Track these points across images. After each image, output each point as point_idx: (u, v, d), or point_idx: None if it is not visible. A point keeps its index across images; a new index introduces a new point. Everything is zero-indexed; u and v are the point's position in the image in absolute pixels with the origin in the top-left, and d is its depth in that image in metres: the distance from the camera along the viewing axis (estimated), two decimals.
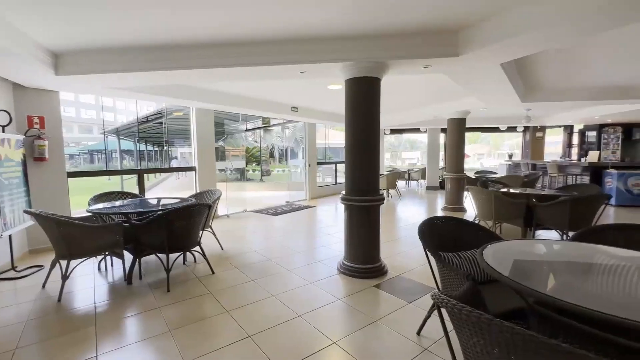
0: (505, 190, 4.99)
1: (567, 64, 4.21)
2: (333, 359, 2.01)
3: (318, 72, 3.41)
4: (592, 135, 10.59)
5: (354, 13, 2.49)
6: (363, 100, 3.22)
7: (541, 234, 4.78)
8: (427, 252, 2.05)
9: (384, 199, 3.37)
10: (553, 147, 13.49)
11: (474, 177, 7.79)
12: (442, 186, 10.51)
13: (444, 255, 2.07)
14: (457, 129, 6.90)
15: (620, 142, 9.79)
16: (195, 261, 3.74)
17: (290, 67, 3.21)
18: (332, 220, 6.15)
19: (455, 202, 6.99)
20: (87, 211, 3.27)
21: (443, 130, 10.51)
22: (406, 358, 2.00)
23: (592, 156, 9.18)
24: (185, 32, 2.83)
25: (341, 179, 9.98)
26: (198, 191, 5.18)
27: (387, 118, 8.70)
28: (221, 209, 6.51)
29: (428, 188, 10.98)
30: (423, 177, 11.69)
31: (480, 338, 0.97)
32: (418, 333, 2.24)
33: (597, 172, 8.00)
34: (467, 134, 7.41)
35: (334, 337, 2.21)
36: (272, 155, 20.21)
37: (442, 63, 3.09)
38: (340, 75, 3.34)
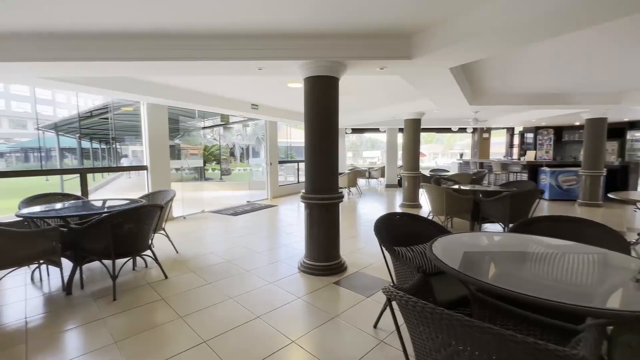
0: (455, 187, 5.34)
1: (508, 71, 4.60)
2: (292, 358, 2.00)
3: (277, 69, 3.37)
4: (529, 136, 11.71)
5: (312, 12, 2.49)
6: (322, 99, 3.24)
7: (487, 226, 5.18)
8: (383, 247, 2.13)
9: (342, 197, 3.43)
10: (498, 147, 14.69)
11: (428, 175, 8.23)
12: (400, 184, 10.96)
13: (398, 250, 2.15)
14: (413, 129, 7.23)
15: (552, 143, 10.94)
16: (146, 266, 3.51)
17: (248, 63, 3.14)
18: (294, 219, 6.13)
19: (412, 199, 7.32)
20: (17, 215, 2.92)
21: (401, 130, 10.95)
22: (363, 351, 2.05)
23: (530, 155, 10.15)
24: (130, 20, 2.63)
25: (303, 177, 10.02)
26: (150, 191, 4.86)
27: (348, 118, 8.87)
28: (177, 210, 6.19)
29: (387, 186, 11.38)
30: (383, 176, 12.10)
31: (426, 326, 1.02)
32: (375, 326, 2.31)
33: (533, 169, 8.86)
34: (423, 134, 7.80)
35: (293, 336, 2.20)
36: (232, 154, 19.64)
37: (396, 65, 3.21)
38: (299, 74, 3.33)
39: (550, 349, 0.80)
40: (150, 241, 3.19)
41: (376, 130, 12.25)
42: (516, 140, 12.67)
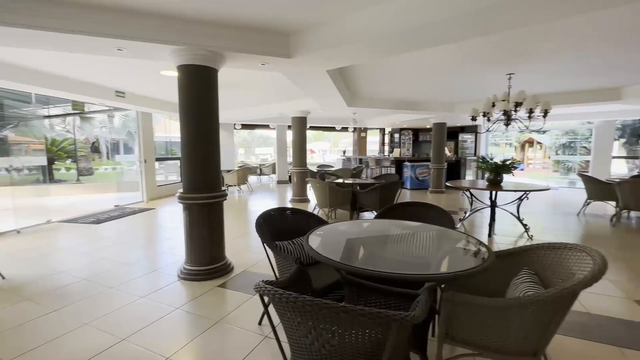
0: (338, 181, 5.84)
1: (375, 79, 5.28)
2: None
3: (142, 52, 2.93)
4: (396, 136, 13.82)
5: None
6: (198, 90, 3.00)
7: (364, 215, 5.86)
8: (264, 243, 2.13)
9: (226, 195, 3.28)
10: (373, 145, 16.81)
11: (315, 171, 8.74)
12: (291, 180, 11.29)
13: (280, 245, 2.20)
14: (300, 127, 7.53)
15: (411, 142, 13.22)
16: None
17: (103, 41, 2.62)
18: (175, 222, 5.54)
19: (301, 194, 7.64)
20: None
21: (290, 127, 11.25)
22: (248, 350, 2.02)
23: (396, 152, 12.01)
24: None
25: None
26: None
27: (237, 112, 8.56)
28: (5, 222, 4.74)
29: (279, 182, 11.56)
30: (274, 172, 12.21)
31: (293, 314, 1.07)
32: (260, 323, 2.31)
33: (399, 164, 10.52)
34: (313, 132, 8.21)
35: (168, 352, 1.98)
36: (97, 150, 16.29)
37: (277, 62, 3.25)
38: (170, 60, 2.99)
39: (389, 315, 0.95)
40: None
41: (267, 126, 12.24)
42: (387, 139, 14.76)
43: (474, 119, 5.02)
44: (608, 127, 9.78)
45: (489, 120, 5.02)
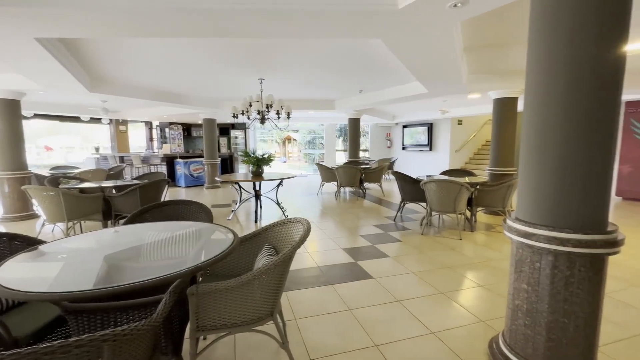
0: (81, 186, 4.60)
1: (125, 63, 4.50)
2: None
3: None
4: (167, 131, 12.66)
5: None
6: None
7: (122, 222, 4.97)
8: None
9: None
10: (139, 141, 14.58)
11: (48, 175, 6.47)
12: None
13: None
14: (9, 113, 5.26)
15: (182, 137, 12.58)
16: None
17: None
18: None
19: (22, 209, 5.42)
20: None
21: None
22: None
23: (165, 148, 11.03)
24: None
25: None
26: None
27: None
28: None
29: None
30: None
31: None
32: None
33: (171, 161, 9.73)
34: (47, 123, 5.90)
35: None
36: None
37: None
38: None
39: (94, 338, 0.80)
40: None
41: None
42: (155, 134, 13.23)
43: (235, 116, 5.40)
44: (332, 129, 13.50)
45: (248, 118, 5.57)
